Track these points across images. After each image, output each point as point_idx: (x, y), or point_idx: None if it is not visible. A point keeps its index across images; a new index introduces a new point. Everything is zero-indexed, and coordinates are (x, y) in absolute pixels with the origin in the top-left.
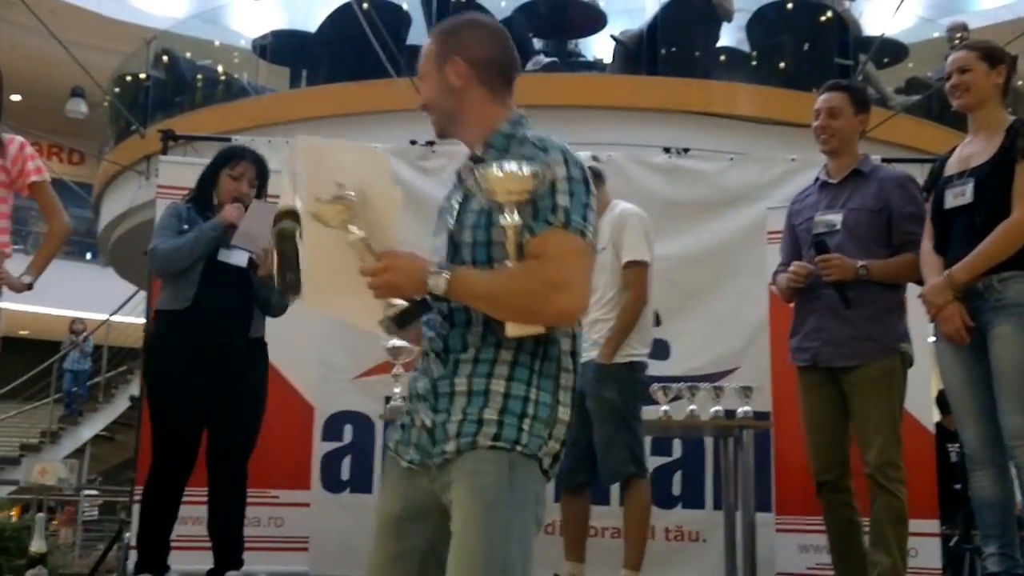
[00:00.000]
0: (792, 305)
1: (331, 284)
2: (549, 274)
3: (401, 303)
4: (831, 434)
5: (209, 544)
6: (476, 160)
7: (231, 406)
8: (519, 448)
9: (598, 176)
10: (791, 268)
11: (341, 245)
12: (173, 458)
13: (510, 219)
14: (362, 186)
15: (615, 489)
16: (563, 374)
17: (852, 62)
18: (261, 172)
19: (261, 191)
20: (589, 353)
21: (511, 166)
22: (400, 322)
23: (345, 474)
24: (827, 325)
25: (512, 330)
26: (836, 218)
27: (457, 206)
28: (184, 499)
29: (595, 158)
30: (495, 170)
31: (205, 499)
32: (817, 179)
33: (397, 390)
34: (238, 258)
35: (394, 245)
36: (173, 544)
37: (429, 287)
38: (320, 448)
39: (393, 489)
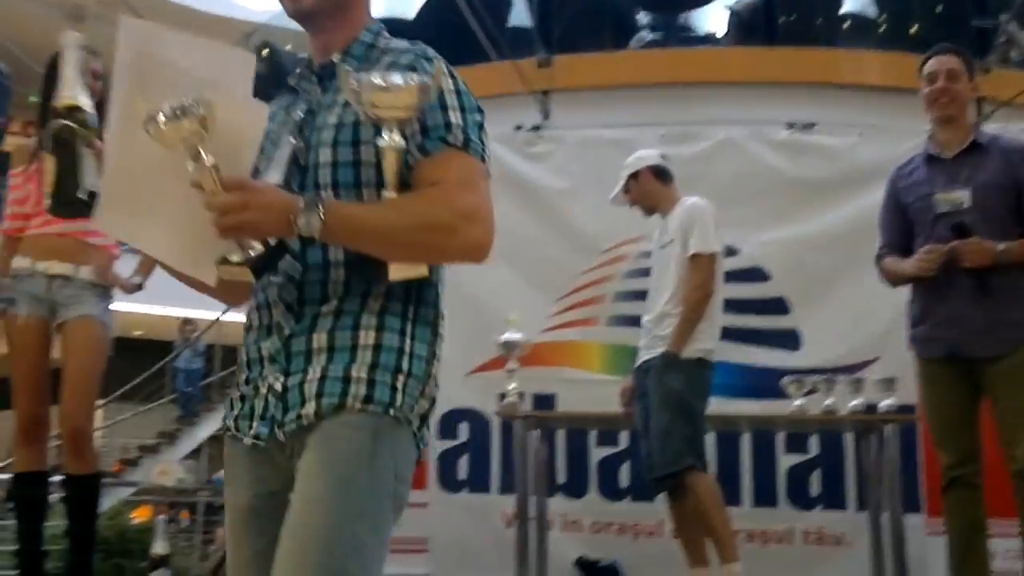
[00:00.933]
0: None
1: (138, 207)
2: (458, 202)
3: (257, 247)
4: (966, 426)
5: None
6: (324, 69)
7: None
8: (392, 412)
9: (664, 173)
10: (922, 254)
11: (157, 158)
12: None
13: (391, 139)
14: (213, 93)
15: (747, 490)
16: (441, 321)
17: (992, 23)
18: None
19: None
20: (654, 350)
21: (395, 78)
22: (258, 270)
23: (462, 473)
24: (964, 313)
25: (396, 273)
26: (963, 195)
27: (300, 122)
28: None
29: (663, 156)
30: (377, 80)
31: None
32: (924, 153)
33: (512, 386)
34: None
35: (245, 173)
36: None
37: (299, 228)
38: (436, 446)
39: (239, 477)
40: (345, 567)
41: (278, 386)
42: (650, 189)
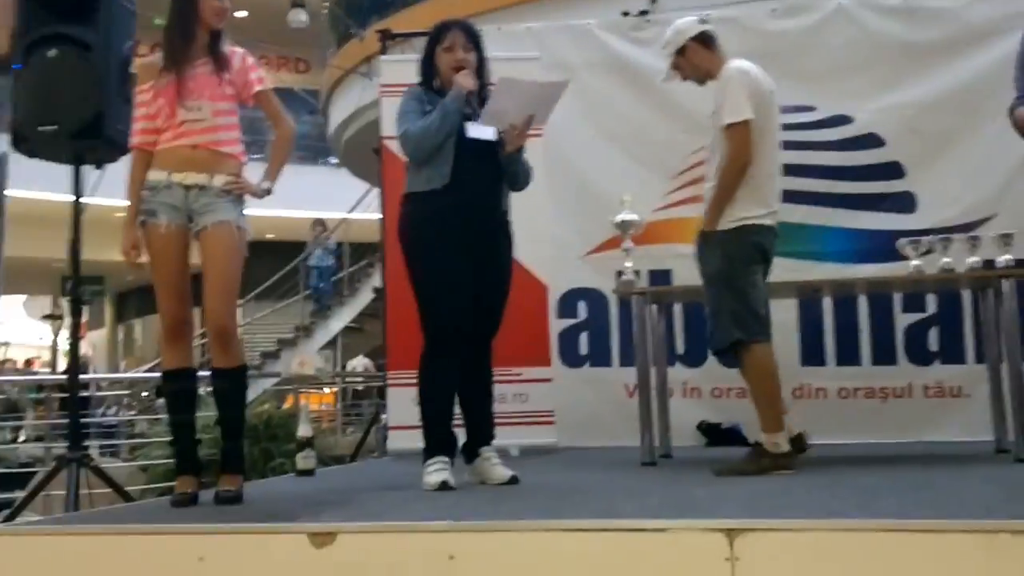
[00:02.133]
0: None
1: None
2: None
3: None
4: None
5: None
6: None
7: (490, 286)
8: None
9: (709, 39)
10: None
11: None
12: (446, 339)
13: None
14: None
15: (866, 349)
16: None
17: None
18: (471, 35)
19: (480, 56)
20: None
21: None
22: None
23: (583, 349)
24: None
25: None
26: None
27: None
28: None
29: (703, 20)
30: None
31: None
32: None
33: (628, 264)
34: (485, 132)
35: None
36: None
37: None
38: (556, 325)
39: None
40: None
41: None
42: (699, 61)
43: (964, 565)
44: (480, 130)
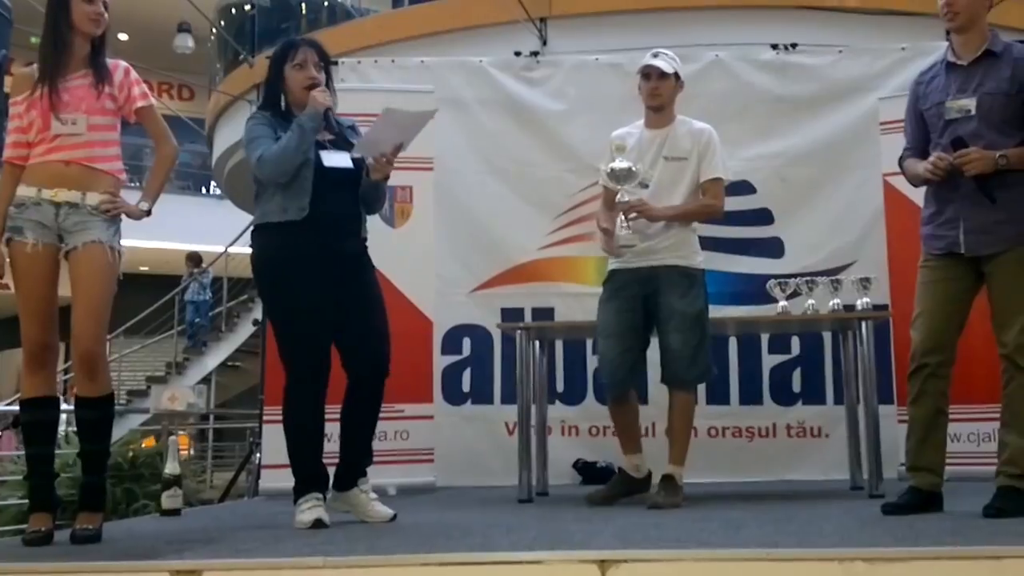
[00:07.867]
0: (911, 198)
1: None
2: None
3: None
4: (947, 321)
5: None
6: None
7: (363, 313)
8: None
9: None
10: (931, 162)
11: None
12: (309, 373)
13: None
14: None
15: (734, 390)
16: None
17: None
18: (321, 54)
19: (328, 74)
20: (658, 257)
21: None
22: None
23: (466, 386)
24: (968, 214)
25: None
26: (970, 103)
27: None
28: None
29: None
30: None
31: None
32: (944, 60)
33: (622, 221)
34: (341, 160)
35: None
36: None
37: None
38: (440, 362)
39: None
40: None
41: None
42: (675, 96)
43: None
44: (336, 159)
